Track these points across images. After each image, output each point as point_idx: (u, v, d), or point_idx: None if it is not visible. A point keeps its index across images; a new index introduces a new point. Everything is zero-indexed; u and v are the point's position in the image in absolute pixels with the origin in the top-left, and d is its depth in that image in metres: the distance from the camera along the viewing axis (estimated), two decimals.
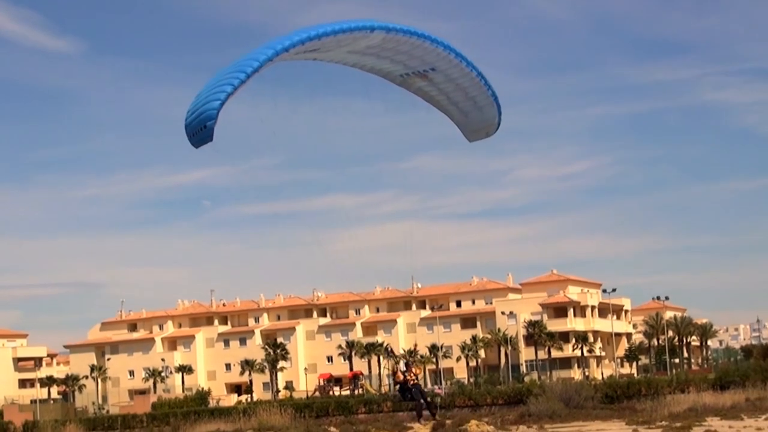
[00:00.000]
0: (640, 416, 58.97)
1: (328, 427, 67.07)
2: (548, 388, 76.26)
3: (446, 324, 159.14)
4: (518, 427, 57.93)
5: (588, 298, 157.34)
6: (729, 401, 66.59)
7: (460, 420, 60.80)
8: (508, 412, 73.66)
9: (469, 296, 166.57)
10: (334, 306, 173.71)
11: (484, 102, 30.61)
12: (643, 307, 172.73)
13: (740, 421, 49.87)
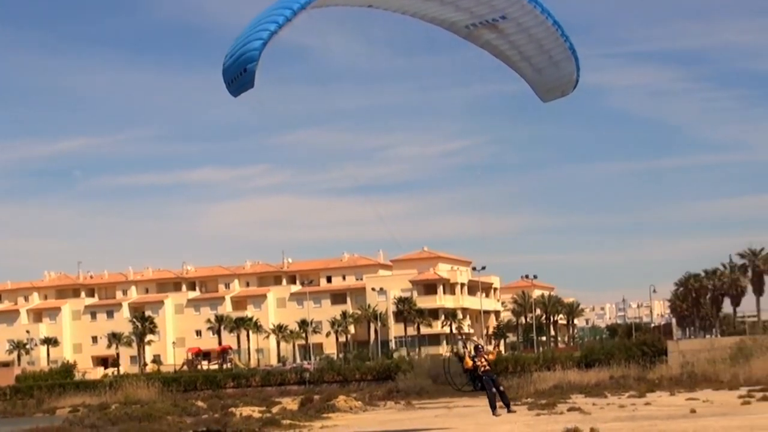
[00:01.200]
0: (507, 393, 59.40)
1: (195, 401, 66.14)
2: (416, 364, 76.63)
3: (316, 299, 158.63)
4: (386, 402, 57.96)
5: (458, 275, 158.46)
6: (594, 379, 67.81)
7: (328, 395, 60.60)
8: (377, 387, 73.85)
9: (340, 272, 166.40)
10: (204, 280, 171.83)
11: (561, 56, 26.96)
12: (512, 285, 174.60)
13: (604, 398, 50.61)
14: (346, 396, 59.55)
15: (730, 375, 59.61)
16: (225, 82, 23.75)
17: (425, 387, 65.46)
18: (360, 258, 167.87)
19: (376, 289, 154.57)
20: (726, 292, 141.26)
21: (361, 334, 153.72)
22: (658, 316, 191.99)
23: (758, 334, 73.74)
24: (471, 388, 32.14)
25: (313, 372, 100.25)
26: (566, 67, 27.12)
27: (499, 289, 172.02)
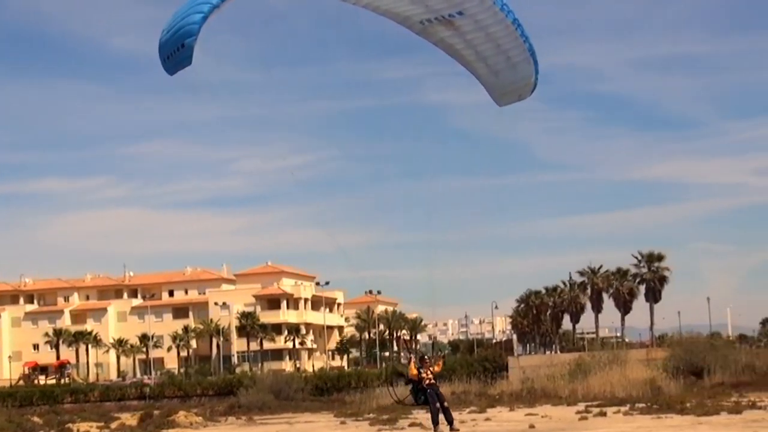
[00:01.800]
0: (349, 408, 59.27)
1: (31, 417, 64.01)
2: (259, 379, 75.86)
3: (158, 313, 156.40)
4: (227, 418, 57.04)
5: (302, 290, 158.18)
6: None
7: (168, 410, 59.39)
8: (218, 403, 72.74)
9: (183, 285, 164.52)
10: (42, 292, 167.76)
11: (519, 57, 25.32)
12: (356, 300, 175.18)
13: None
14: (187, 411, 58.46)
15: (569, 391, 60.52)
16: (161, 59, 22.10)
17: (267, 402, 64.74)
18: (203, 272, 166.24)
19: (219, 304, 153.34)
20: (566, 309, 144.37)
21: (203, 348, 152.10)
22: (500, 332, 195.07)
23: (596, 350, 75.19)
24: (413, 402, 31.19)
25: (153, 387, 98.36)
26: (524, 70, 25.65)
27: (343, 304, 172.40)
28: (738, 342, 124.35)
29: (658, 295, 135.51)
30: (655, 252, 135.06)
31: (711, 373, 62.05)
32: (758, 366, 63.54)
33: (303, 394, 71.43)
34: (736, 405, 42.23)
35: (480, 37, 24.49)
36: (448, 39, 24.77)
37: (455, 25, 24.21)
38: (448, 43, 24.94)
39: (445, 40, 24.83)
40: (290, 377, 79.36)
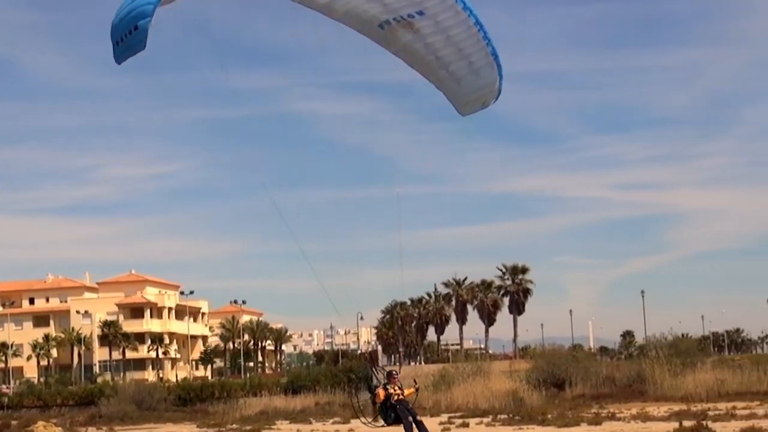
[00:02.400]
0: (212, 419, 58.70)
1: None
2: (121, 389, 74.61)
3: (17, 321, 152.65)
4: (87, 428, 55.94)
5: (166, 299, 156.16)
6: (299, 405, 67.77)
7: (27, 421, 58.05)
8: (79, 413, 71.39)
9: (44, 294, 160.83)
10: None
11: (482, 62, 23.45)
12: (221, 310, 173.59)
13: (309, 424, 50.62)
14: (46, 422, 57.14)
15: (433, 402, 60.87)
16: (112, 43, 20.24)
17: (129, 413, 63.75)
18: (65, 280, 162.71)
19: (81, 312, 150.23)
20: (431, 320, 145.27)
21: (64, 357, 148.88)
22: (365, 343, 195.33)
23: (460, 361, 75.77)
24: (382, 424, 27.13)
25: (11, 396, 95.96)
26: (488, 76, 23.75)
27: (207, 313, 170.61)
28: (599, 354, 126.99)
29: (522, 308, 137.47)
30: (519, 265, 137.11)
31: (572, 385, 63.05)
32: (618, 378, 64.79)
33: (166, 404, 70.48)
34: (596, 416, 42.99)
35: (441, 40, 23.09)
36: (410, 45, 23.28)
37: (415, 28, 22.81)
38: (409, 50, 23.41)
39: (407, 47, 23.34)
40: (153, 387, 78.26)
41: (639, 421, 39.81)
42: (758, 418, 36.83)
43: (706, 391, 54.44)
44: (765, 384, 57.24)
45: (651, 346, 68.18)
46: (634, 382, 62.32)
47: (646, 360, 64.40)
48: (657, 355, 62.15)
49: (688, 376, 57.30)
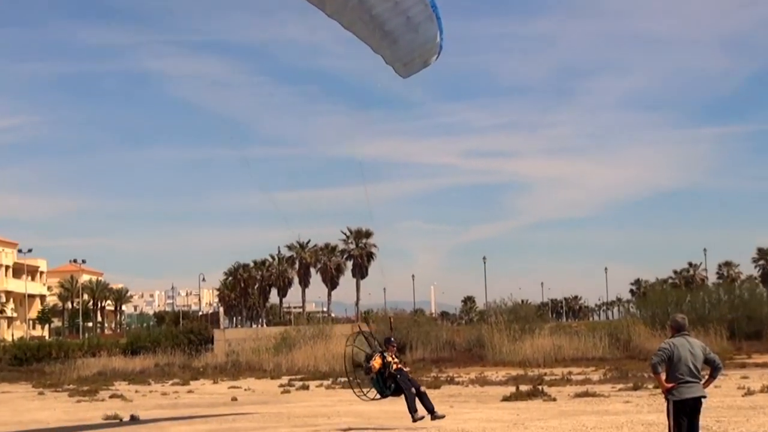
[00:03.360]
0: (49, 379, 57.49)
1: None
2: None
3: None
4: None
5: (3, 257, 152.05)
6: (139, 366, 66.90)
7: None
8: None
9: None
10: None
11: (420, 16, 21.40)
12: (60, 269, 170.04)
13: (148, 385, 49.96)
14: None
15: (274, 364, 60.83)
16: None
17: None
18: None
19: None
20: (274, 282, 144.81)
21: None
22: (207, 305, 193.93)
23: (303, 324, 75.88)
24: (378, 395, 24.21)
25: None
26: (427, 30, 21.75)
27: (45, 272, 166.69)
28: (440, 319, 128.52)
29: (365, 272, 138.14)
30: (363, 229, 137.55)
31: (413, 349, 63.72)
32: (458, 343, 65.78)
33: (1, 364, 68.68)
34: (436, 380, 43.51)
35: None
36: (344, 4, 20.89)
37: None
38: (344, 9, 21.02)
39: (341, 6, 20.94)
40: None
41: (477, 385, 40.42)
42: (592, 383, 37.75)
43: (543, 357, 55.66)
44: (600, 350, 58.81)
45: (491, 312, 69.34)
46: (474, 346, 63.33)
47: (485, 325, 65.47)
48: (497, 320, 63.21)
49: (527, 342, 58.44)
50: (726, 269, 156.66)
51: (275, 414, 29.05)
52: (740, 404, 26.09)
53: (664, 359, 13.85)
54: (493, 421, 24.14)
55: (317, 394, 39.84)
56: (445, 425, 22.92)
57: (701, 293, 75.99)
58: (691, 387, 13.74)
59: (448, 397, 34.57)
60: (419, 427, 22.68)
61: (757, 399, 27.75)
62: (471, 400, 32.91)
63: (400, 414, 23.90)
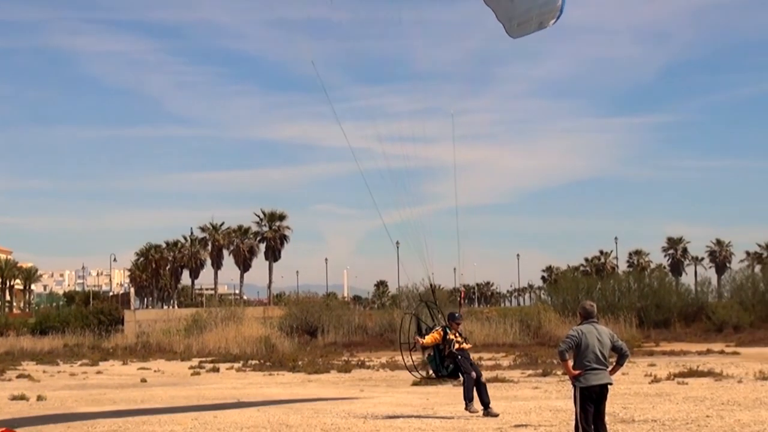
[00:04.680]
0: None
1: None
2: None
3: None
4: None
5: None
6: (47, 346, 66.07)
7: None
8: None
9: None
10: None
11: None
12: None
13: (56, 366, 49.31)
14: None
15: (184, 346, 60.42)
16: None
17: None
18: None
19: None
20: (186, 264, 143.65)
21: None
22: (118, 285, 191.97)
23: (214, 306, 75.42)
24: (432, 375, 22.22)
25: None
26: None
27: None
28: (353, 303, 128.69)
29: (278, 254, 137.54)
30: (276, 211, 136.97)
31: (325, 333, 63.73)
32: (370, 327, 65.92)
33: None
34: (347, 364, 43.53)
35: None
36: None
37: None
38: None
39: None
40: None
41: (388, 370, 40.51)
42: (502, 369, 38.03)
43: None
44: (511, 336, 59.34)
45: (403, 297, 69.55)
46: (386, 330, 63.50)
47: (398, 310, 65.66)
48: (409, 305, 63.41)
49: None
50: (636, 258, 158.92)
51: (184, 396, 28.81)
52: (647, 391, 26.47)
53: (571, 346, 13.96)
54: (402, 405, 24.21)
55: (227, 376, 39.63)
56: (354, 409, 22.93)
57: (611, 281, 77.12)
58: (597, 374, 13.86)
59: (358, 381, 34.61)
60: (320, 409, 22.66)
61: (663, 386, 28.17)
62: (381, 384, 32.98)
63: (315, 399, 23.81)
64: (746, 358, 42.35)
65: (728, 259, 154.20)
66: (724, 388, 27.11)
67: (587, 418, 13.87)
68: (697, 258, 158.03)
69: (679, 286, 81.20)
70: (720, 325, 65.72)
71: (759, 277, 75.96)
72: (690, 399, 23.78)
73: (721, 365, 35.69)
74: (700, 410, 21.02)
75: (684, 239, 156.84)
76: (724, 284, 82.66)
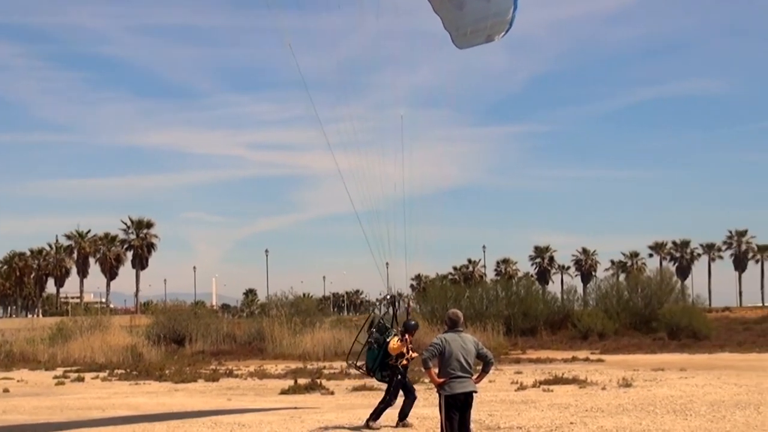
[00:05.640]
0: None
1: None
2: None
3: None
4: None
5: None
6: None
7: None
8: None
9: None
10: None
11: None
12: None
13: None
14: None
15: (48, 355, 59.12)
16: None
17: None
18: None
19: None
20: (51, 272, 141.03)
21: None
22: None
23: (80, 315, 73.95)
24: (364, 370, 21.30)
25: None
26: (501, 2, 18.77)
27: None
28: (221, 312, 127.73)
29: (145, 262, 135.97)
30: (144, 219, 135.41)
31: (193, 341, 63.06)
32: (238, 335, 65.42)
33: None
34: (214, 373, 43.11)
35: None
36: None
37: None
38: None
39: None
40: None
41: (256, 378, 40.25)
42: (369, 377, 38.03)
43: (323, 350, 55.90)
44: None
45: (272, 305, 69.22)
46: (254, 339, 63.09)
47: (266, 318, 65.36)
48: (278, 313, 63.20)
49: (307, 335, 58.58)
50: (504, 266, 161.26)
51: (47, 407, 28.17)
52: (513, 398, 26.79)
53: (435, 354, 14.03)
54: (270, 413, 24.05)
55: (93, 385, 38.89)
56: (222, 418, 22.69)
57: (479, 289, 77.97)
58: (462, 382, 13.94)
59: (226, 389, 34.31)
60: (187, 420, 22.39)
61: (529, 393, 28.55)
62: (249, 393, 32.74)
63: (178, 407, 23.52)
64: (610, 366, 43.21)
65: (594, 267, 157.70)
66: (589, 395, 27.60)
67: (452, 425, 13.94)
68: (564, 266, 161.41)
69: (545, 294, 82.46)
70: (585, 332, 66.92)
71: (623, 285, 77.71)
72: (555, 406, 24.14)
73: (585, 372, 36.32)
74: (564, 417, 21.36)
75: (551, 248, 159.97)
76: (590, 292, 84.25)
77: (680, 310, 69.13)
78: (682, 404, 24.03)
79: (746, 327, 76.59)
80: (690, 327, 65.03)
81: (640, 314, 70.85)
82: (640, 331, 68.19)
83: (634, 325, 69.55)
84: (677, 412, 22.29)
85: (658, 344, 60.28)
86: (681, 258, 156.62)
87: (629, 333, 67.31)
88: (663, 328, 66.24)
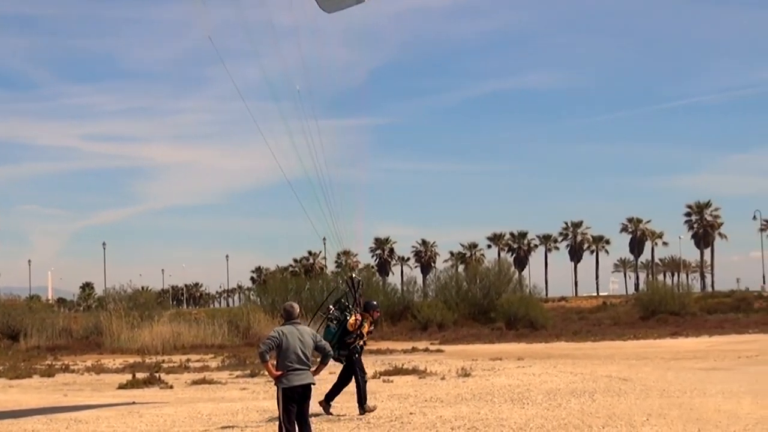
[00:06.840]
0: None
1: None
2: None
3: None
4: None
5: None
6: None
7: None
8: None
9: None
10: None
11: None
12: None
13: None
14: None
15: None
16: None
17: None
18: None
19: None
20: None
21: None
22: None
23: None
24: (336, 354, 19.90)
25: None
26: None
27: None
28: (57, 306, 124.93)
29: None
30: None
31: (28, 337, 61.53)
32: (75, 330, 64.14)
33: None
34: (50, 368, 42.14)
35: None
36: None
37: None
38: None
39: None
40: None
41: (93, 373, 39.48)
42: (210, 370, 37.79)
43: (162, 344, 55.21)
44: (219, 337, 59.04)
45: (110, 299, 68.07)
46: (92, 334, 61.93)
47: (104, 312, 64.24)
48: (115, 307, 62.18)
49: (145, 329, 57.77)
50: (344, 258, 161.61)
51: None
52: (353, 390, 26.87)
53: (271, 347, 13.97)
54: (107, 408, 23.60)
55: None
56: (57, 415, 22.17)
57: (320, 281, 78.07)
58: (300, 374, 13.92)
59: (62, 385, 33.54)
60: (23, 416, 21.82)
61: (369, 384, 28.40)
62: (86, 388, 32.06)
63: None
64: (449, 356, 43.81)
65: (433, 259, 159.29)
66: (428, 385, 27.91)
67: (290, 418, 13.92)
68: (404, 258, 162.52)
69: (386, 285, 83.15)
70: (425, 323, 67.72)
71: (462, 277, 78.90)
72: (395, 396, 24.34)
73: (425, 363, 36.72)
74: (404, 407, 21.53)
75: (391, 239, 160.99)
76: (429, 284, 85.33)
77: (518, 300, 70.58)
78: (520, 393, 24.47)
79: (581, 316, 78.75)
80: (527, 317, 66.47)
81: (478, 305, 72.01)
82: (479, 321, 69.36)
83: (473, 316, 70.67)
84: (515, 400, 22.69)
85: (497, 334, 61.42)
86: (518, 249, 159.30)
87: (468, 323, 68.38)
88: (501, 318, 67.53)
